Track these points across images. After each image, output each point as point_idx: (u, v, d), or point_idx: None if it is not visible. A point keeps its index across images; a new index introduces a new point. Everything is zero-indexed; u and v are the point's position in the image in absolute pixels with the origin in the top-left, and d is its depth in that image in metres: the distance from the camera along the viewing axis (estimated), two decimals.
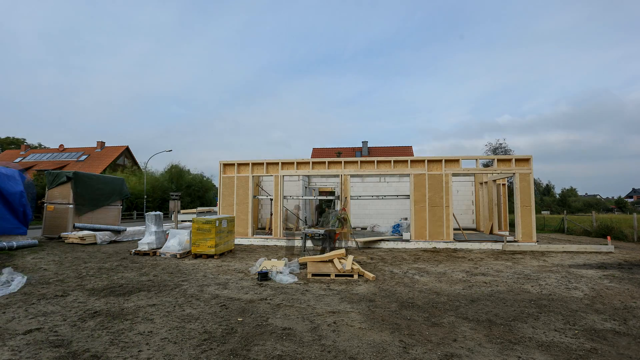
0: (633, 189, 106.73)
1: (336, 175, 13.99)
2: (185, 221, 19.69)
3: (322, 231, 9.59)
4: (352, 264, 7.85)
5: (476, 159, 12.91)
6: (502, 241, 12.12)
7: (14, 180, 10.87)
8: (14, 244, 9.90)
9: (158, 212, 11.33)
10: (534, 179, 13.46)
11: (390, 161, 13.16)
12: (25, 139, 59.33)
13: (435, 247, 12.24)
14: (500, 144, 36.54)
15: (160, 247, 10.70)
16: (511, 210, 20.06)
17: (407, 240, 12.74)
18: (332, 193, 23.63)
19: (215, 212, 24.12)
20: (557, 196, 61.68)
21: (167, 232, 11.28)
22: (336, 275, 7.34)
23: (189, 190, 40.44)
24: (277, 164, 13.78)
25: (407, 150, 42.97)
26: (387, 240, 12.85)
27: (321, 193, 24.32)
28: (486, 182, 17.17)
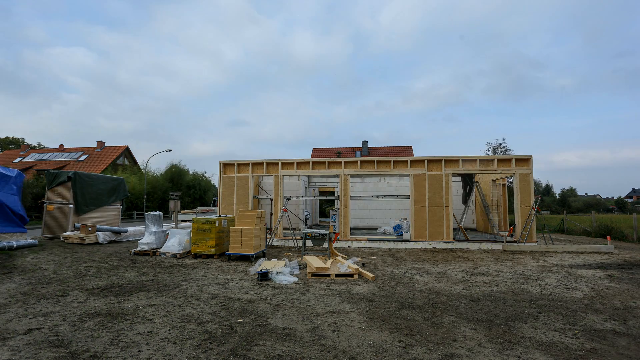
0: (633, 189, 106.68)
1: (336, 175, 13.99)
2: (185, 221, 19.68)
3: (322, 231, 9.58)
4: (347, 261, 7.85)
5: (476, 159, 12.92)
6: (502, 241, 12.12)
7: (12, 180, 10.87)
8: (14, 243, 9.89)
9: (158, 212, 11.33)
10: (534, 179, 13.47)
11: (390, 161, 13.17)
12: (24, 139, 59.38)
13: (435, 247, 12.24)
14: (500, 144, 36.65)
15: (160, 247, 10.70)
16: (511, 210, 20.06)
17: (407, 240, 12.74)
18: (332, 193, 23.65)
19: (215, 212, 24.13)
20: (557, 196, 61.67)
21: (167, 232, 11.28)
22: (336, 275, 7.34)
23: (189, 192, 40.42)
24: (277, 164, 13.79)
25: (407, 150, 42.97)
26: (387, 240, 12.85)
27: (321, 193, 24.32)
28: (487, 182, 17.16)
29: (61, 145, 47.39)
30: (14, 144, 58.15)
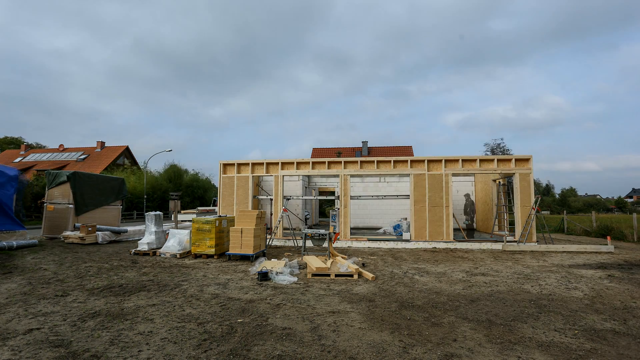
0: (633, 189, 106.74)
1: (336, 175, 14.00)
2: (185, 221, 19.69)
3: (322, 231, 9.58)
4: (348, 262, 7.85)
5: (477, 159, 12.92)
6: (502, 241, 12.12)
7: (12, 178, 10.88)
8: (14, 243, 9.88)
9: (158, 212, 11.33)
10: (534, 179, 13.47)
11: (390, 161, 13.17)
12: (23, 138, 59.34)
13: (435, 247, 12.24)
14: (499, 144, 36.69)
15: (160, 247, 10.70)
16: (511, 210, 20.04)
17: (407, 240, 12.75)
18: (332, 193, 23.67)
19: (215, 212, 24.13)
20: (557, 196, 61.71)
21: (167, 232, 11.28)
22: (336, 275, 7.34)
23: (188, 191, 40.41)
24: (277, 164, 13.78)
25: (407, 150, 42.98)
26: (387, 240, 12.86)
27: (321, 193, 24.33)
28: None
29: (61, 145, 47.39)
30: (14, 144, 58.10)
